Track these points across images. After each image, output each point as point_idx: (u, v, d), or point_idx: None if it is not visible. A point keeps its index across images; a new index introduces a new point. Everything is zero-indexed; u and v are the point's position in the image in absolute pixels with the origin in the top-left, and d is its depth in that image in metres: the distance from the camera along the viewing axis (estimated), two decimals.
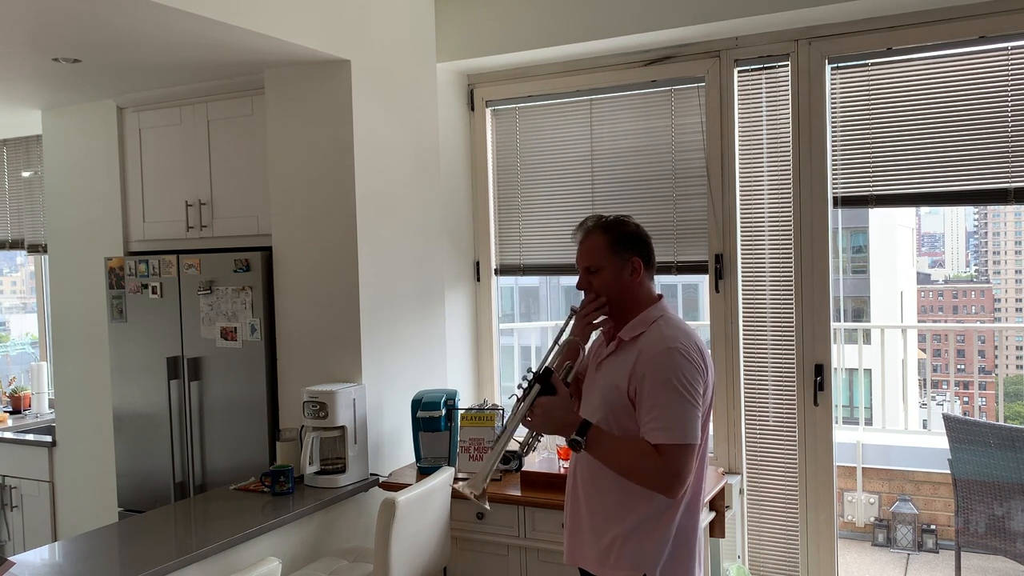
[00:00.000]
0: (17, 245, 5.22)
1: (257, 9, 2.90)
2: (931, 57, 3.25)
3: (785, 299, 3.50)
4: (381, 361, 3.47)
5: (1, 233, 5.27)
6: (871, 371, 6.51)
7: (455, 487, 2.11)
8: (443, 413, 3.39)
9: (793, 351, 3.48)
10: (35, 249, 5.13)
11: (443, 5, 3.85)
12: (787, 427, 3.51)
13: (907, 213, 18.96)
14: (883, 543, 4.85)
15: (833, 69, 3.40)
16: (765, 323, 3.55)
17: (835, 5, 3.14)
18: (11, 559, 2.50)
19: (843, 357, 5.70)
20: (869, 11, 3.22)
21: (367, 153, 3.39)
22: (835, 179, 3.42)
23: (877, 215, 16.16)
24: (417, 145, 3.73)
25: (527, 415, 2.07)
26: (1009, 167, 3.14)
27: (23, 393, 5.06)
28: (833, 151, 3.41)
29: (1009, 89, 3.13)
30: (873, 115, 3.34)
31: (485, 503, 2.04)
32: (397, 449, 3.57)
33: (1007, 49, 3.13)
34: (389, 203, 3.54)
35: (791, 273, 3.47)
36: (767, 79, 3.50)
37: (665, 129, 3.71)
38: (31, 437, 4.55)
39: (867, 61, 3.34)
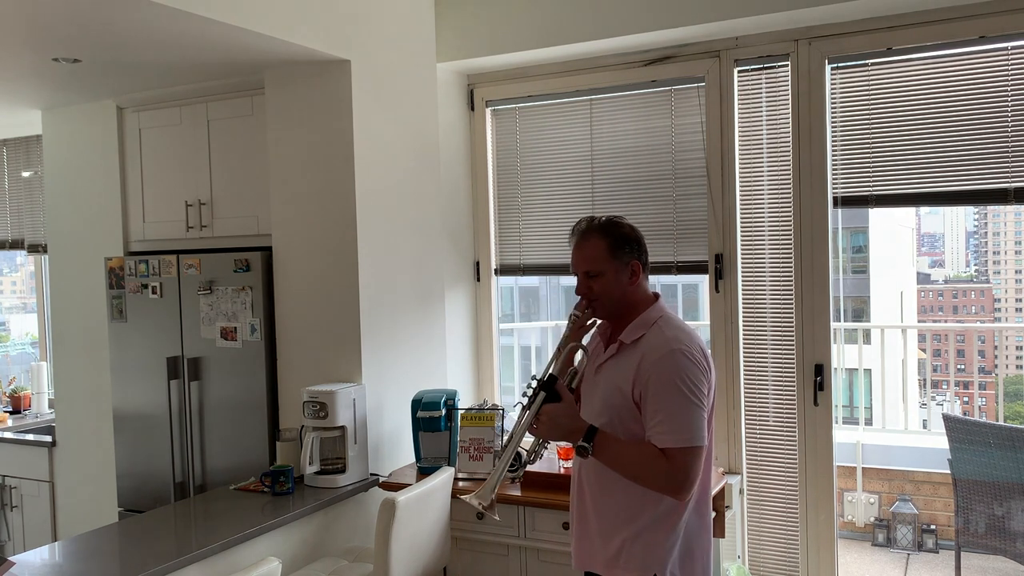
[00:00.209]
0: (17, 245, 5.22)
1: (257, 9, 2.90)
2: (931, 57, 3.25)
3: (785, 299, 3.50)
4: (381, 361, 3.47)
5: (1, 233, 5.27)
6: (871, 371, 6.50)
7: (463, 498, 2.10)
8: (443, 413, 3.40)
9: (793, 351, 3.48)
10: (35, 249, 5.13)
11: (443, 5, 3.85)
12: (787, 427, 3.51)
13: (907, 213, 18.97)
14: (883, 543, 4.85)
15: (833, 69, 3.40)
16: (765, 323, 3.55)
17: (835, 5, 3.14)
18: (11, 559, 2.50)
19: (843, 357, 5.70)
20: (869, 11, 3.22)
21: (367, 153, 3.39)
22: (835, 179, 3.42)
23: (877, 215, 16.16)
24: (417, 145, 3.73)
25: (533, 423, 2.06)
26: (1009, 167, 3.14)
27: (23, 393, 5.07)
28: (833, 151, 3.41)
29: (1009, 89, 3.13)
30: (873, 115, 3.34)
31: (495, 514, 2.04)
32: (397, 449, 3.57)
33: (1007, 49, 3.13)
34: (389, 203, 3.54)
35: (791, 273, 3.47)
36: (767, 79, 3.50)
37: (665, 129, 3.70)
38: (31, 437, 4.55)
39: (867, 61, 3.34)
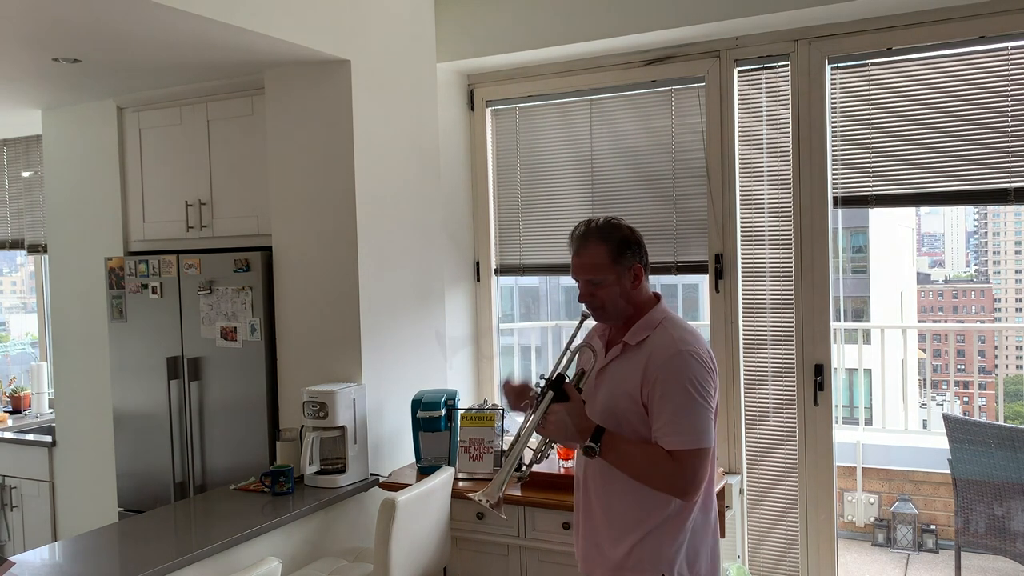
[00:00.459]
0: (17, 245, 5.22)
1: (257, 9, 2.90)
2: (931, 57, 3.25)
3: (785, 299, 3.50)
4: (381, 361, 3.47)
5: (1, 233, 5.27)
6: (871, 371, 6.50)
7: (472, 496, 2.10)
8: (443, 413, 3.39)
9: (793, 351, 3.48)
10: (35, 249, 5.13)
11: (443, 5, 3.85)
12: (787, 427, 3.51)
13: (907, 213, 18.97)
14: (883, 543, 4.85)
15: (833, 69, 3.40)
16: (765, 323, 3.55)
17: (835, 5, 3.14)
18: (11, 559, 2.50)
19: (843, 357, 5.70)
20: (869, 11, 3.22)
21: (367, 153, 3.39)
22: (835, 179, 3.42)
23: (877, 215, 16.16)
24: (417, 145, 3.73)
25: (540, 423, 2.05)
26: (1009, 167, 3.14)
27: (23, 393, 5.07)
28: (833, 151, 3.41)
29: (1009, 89, 3.13)
30: (873, 115, 3.34)
31: (501, 512, 2.04)
32: (397, 449, 3.57)
33: (1007, 49, 3.13)
34: (389, 203, 3.54)
35: (791, 273, 3.47)
36: (767, 79, 3.50)
37: (665, 129, 3.70)
38: (31, 437, 4.55)
39: (867, 61, 3.34)
